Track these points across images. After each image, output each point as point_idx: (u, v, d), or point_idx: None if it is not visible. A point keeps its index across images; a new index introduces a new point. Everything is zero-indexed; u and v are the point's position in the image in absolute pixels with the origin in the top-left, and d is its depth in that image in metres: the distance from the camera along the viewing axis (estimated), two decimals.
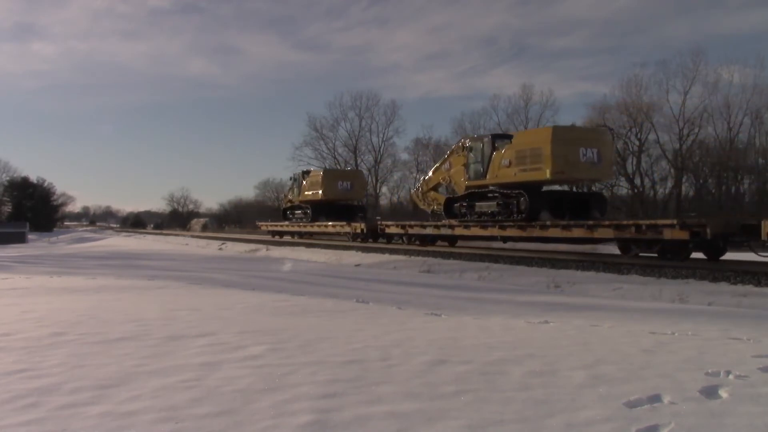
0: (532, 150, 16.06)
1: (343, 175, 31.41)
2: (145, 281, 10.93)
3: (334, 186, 29.06)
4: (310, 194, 30.08)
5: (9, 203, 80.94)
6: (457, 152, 19.98)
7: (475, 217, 18.42)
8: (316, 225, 29.14)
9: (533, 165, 15.91)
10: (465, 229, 18.67)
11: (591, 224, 14.49)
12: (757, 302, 8.96)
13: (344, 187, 29.21)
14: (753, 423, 2.88)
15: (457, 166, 19.71)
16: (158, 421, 2.83)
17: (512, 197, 16.93)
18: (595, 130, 18.34)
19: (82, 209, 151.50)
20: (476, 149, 18.37)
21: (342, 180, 29.65)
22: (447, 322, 6.38)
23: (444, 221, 20.10)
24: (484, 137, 18.47)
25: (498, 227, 17.16)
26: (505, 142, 17.64)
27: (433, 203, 21.76)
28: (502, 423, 2.84)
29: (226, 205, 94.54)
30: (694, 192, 41.50)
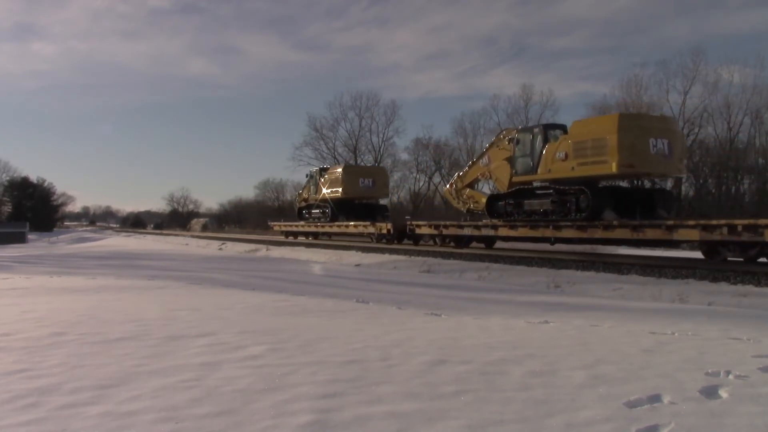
0: (594, 141, 14.25)
1: (364, 172, 28.67)
2: (145, 281, 10.93)
3: (355, 183, 26.84)
4: (328, 192, 28.01)
5: (9, 203, 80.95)
6: (498, 145, 18.37)
7: (523, 216, 16.69)
8: (336, 225, 27.20)
9: (596, 158, 14.15)
10: (511, 229, 16.98)
11: (670, 224, 12.79)
12: (757, 302, 8.96)
13: (366, 184, 26.98)
14: (753, 423, 2.88)
15: (497, 161, 18.14)
16: (158, 421, 2.83)
17: (569, 194, 15.28)
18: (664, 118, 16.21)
19: (82, 209, 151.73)
20: (524, 141, 16.66)
21: (364, 177, 27.27)
22: (447, 322, 6.37)
23: (485, 221, 18.45)
24: (534, 128, 16.86)
25: (552, 227, 15.49)
26: (558, 132, 16.12)
27: (468, 201, 20.05)
28: (502, 423, 2.84)
29: (226, 205, 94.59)
30: (694, 192, 41.43)
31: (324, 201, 28.57)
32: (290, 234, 32.69)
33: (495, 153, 18.49)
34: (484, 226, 18.13)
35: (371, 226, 24.03)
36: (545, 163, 15.72)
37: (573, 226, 14.99)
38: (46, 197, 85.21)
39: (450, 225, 19.76)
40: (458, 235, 19.46)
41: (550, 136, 16.05)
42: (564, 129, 16.29)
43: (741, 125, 40.01)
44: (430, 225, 20.72)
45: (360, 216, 26.40)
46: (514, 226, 16.92)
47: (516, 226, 16.86)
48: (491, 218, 18.13)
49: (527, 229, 16.45)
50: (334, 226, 27.35)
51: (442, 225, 20.01)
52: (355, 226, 25.34)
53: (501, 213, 17.65)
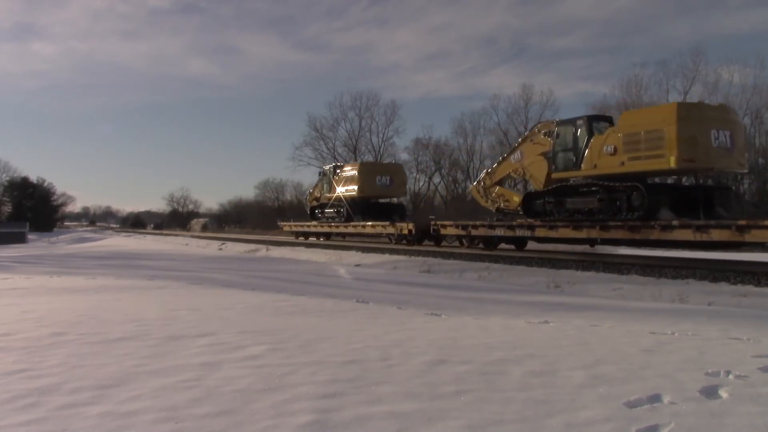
0: (649, 133, 12.99)
1: (382, 169, 27.23)
2: (145, 281, 10.93)
3: (371, 181, 25.43)
4: (343, 191, 26.52)
5: (9, 203, 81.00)
6: (533, 139, 17.13)
7: (564, 216, 15.36)
8: (351, 225, 25.76)
9: (651, 152, 12.92)
10: (550, 230, 15.61)
11: (742, 224, 11.39)
12: (757, 302, 8.96)
13: (383, 182, 25.51)
14: (753, 423, 2.88)
15: (532, 156, 16.97)
16: (158, 421, 2.83)
17: (619, 191, 13.99)
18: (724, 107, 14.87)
19: (82, 209, 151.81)
20: (565, 135, 15.40)
21: (381, 174, 25.81)
22: (447, 322, 6.37)
23: (519, 221, 17.17)
24: (577, 120, 15.38)
25: (599, 228, 14.13)
26: (603, 124, 15.01)
27: (498, 200, 18.74)
28: (502, 423, 2.84)
29: (226, 205, 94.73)
30: None
31: (338, 200, 27.18)
32: (301, 234, 31.50)
33: (529, 148, 17.25)
34: (519, 227, 16.73)
35: (391, 226, 22.78)
36: (590, 158, 14.47)
37: (623, 226, 13.62)
38: (46, 197, 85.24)
39: (480, 225, 18.30)
40: (489, 236, 18.10)
41: (596, 129, 14.83)
42: (610, 121, 15.36)
43: None
44: (457, 225, 19.41)
45: (376, 216, 25.20)
46: (553, 227, 15.54)
47: (556, 226, 15.49)
48: (527, 218, 16.83)
49: (569, 229, 15.06)
50: (349, 227, 26.04)
51: (471, 225, 18.61)
52: (373, 226, 24.06)
53: (539, 212, 16.28)
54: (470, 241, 19.16)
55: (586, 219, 14.75)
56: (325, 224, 28.56)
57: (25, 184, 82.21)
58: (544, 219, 16.06)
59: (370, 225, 24.20)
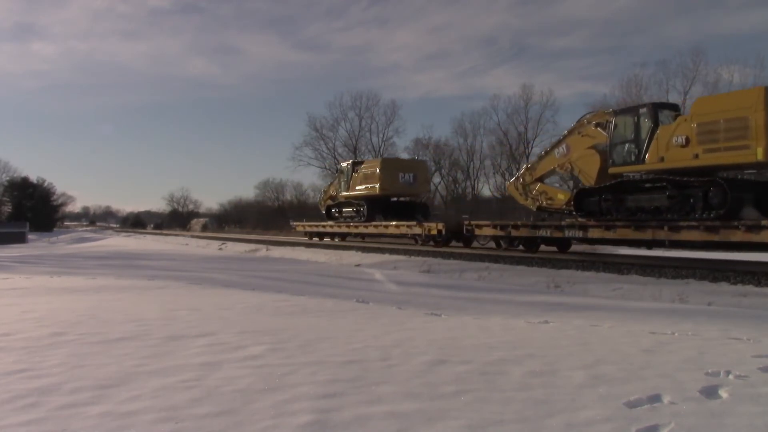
0: (729, 122, 11.57)
1: (404, 166, 25.28)
2: (145, 281, 10.93)
3: (394, 178, 23.72)
4: (363, 189, 24.84)
5: (9, 203, 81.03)
6: (581, 132, 15.71)
7: (625, 214, 13.82)
8: (372, 225, 24.16)
9: (732, 142, 11.51)
10: (606, 230, 14.11)
11: None
12: (757, 302, 8.96)
13: (406, 180, 23.88)
14: (753, 423, 2.88)
15: (581, 150, 15.57)
16: (158, 421, 2.83)
17: (694, 187, 12.48)
18: None
19: (82, 209, 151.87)
20: (624, 125, 13.94)
21: (404, 171, 24.12)
22: (447, 322, 6.37)
23: (567, 220, 15.77)
24: (640, 108, 13.93)
25: (667, 228, 12.59)
26: (671, 113, 13.54)
27: (540, 198, 17.29)
28: (502, 423, 2.84)
29: (226, 205, 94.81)
30: None
31: (358, 198, 25.60)
32: (316, 235, 29.86)
33: (577, 141, 15.81)
34: (569, 227, 15.26)
35: (417, 226, 21.24)
36: (656, 150, 12.97)
37: (698, 227, 12.10)
38: (46, 197, 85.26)
39: (522, 225, 16.89)
40: (531, 237, 16.67)
41: (662, 118, 13.32)
42: (676, 108, 14.07)
43: None
44: (495, 225, 17.94)
45: (398, 215, 23.93)
46: (610, 227, 13.98)
47: (613, 226, 13.90)
48: (578, 217, 15.33)
49: (629, 230, 13.55)
50: (370, 227, 24.40)
51: (512, 225, 17.20)
52: (397, 226, 22.43)
53: (593, 211, 14.74)
54: (509, 243, 17.79)
55: (653, 218, 13.16)
56: (342, 224, 27.10)
57: (25, 184, 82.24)
58: (599, 218, 14.51)
59: (394, 225, 22.67)
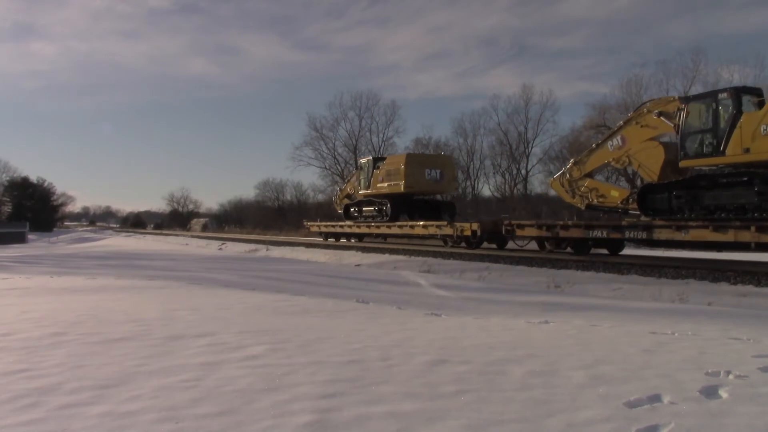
0: None
1: (431, 162, 23.46)
2: (145, 281, 10.93)
3: (420, 175, 22.02)
4: (385, 186, 23.07)
5: (9, 203, 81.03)
6: (639, 121, 14.39)
7: (701, 213, 12.41)
8: (397, 226, 22.44)
9: None
10: (677, 231, 12.53)
11: None
12: (757, 302, 8.96)
13: (433, 176, 22.18)
14: (753, 423, 2.88)
15: (640, 142, 14.28)
16: (158, 421, 2.83)
17: None
18: None
19: (82, 209, 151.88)
20: (699, 113, 12.57)
21: (430, 167, 22.39)
22: (447, 322, 6.37)
23: (628, 220, 14.37)
24: (719, 93, 12.53)
25: (754, 228, 11.16)
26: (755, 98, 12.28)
27: (589, 195, 15.93)
28: (502, 423, 2.83)
29: (226, 205, 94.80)
30: None
31: (380, 197, 23.77)
32: (332, 236, 28.08)
33: (635, 132, 14.45)
34: (631, 228, 13.78)
35: (448, 226, 19.57)
36: (739, 141, 11.63)
37: None
38: (46, 197, 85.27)
39: (573, 226, 15.35)
40: (583, 239, 15.30)
41: (746, 104, 11.96)
42: (760, 93, 12.62)
43: None
44: (540, 225, 16.55)
45: (424, 214, 22.56)
46: (682, 227, 12.42)
47: (686, 227, 12.36)
48: (644, 215, 13.86)
49: (707, 230, 12.00)
50: (393, 227, 22.66)
51: (560, 225, 15.69)
52: (425, 226, 20.76)
53: (661, 209, 13.36)
54: (556, 244, 16.37)
55: (736, 218, 11.76)
56: (362, 224, 25.18)
57: (25, 184, 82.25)
58: (668, 217, 13.06)
59: (421, 225, 20.96)
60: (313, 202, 65.99)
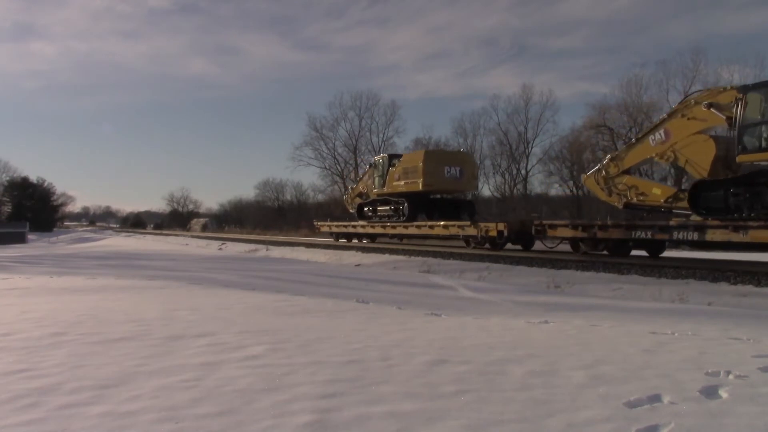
0: None
1: (450, 158, 22.13)
2: (145, 281, 10.93)
3: (439, 173, 20.85)
4: (402, 184, 22.05)
5: (9, 203, 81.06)
6: (686, 113, 13.22)
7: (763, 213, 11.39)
8: (414, 226, 21.44)
9: None
10: (733, 232, 11.46)
11: None
12: (757, 302, 8.96)
13: (452, 174, 20.98)
14: (753, 423, 2.88)
15: (686, 135, 13.15)
16: (158, 421, 2.83)
17: None
18: None
19: (82, 209, 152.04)
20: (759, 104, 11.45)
21: (450, 165, 21.13)
22: (447, 322, 6.37)
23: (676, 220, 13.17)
24: None
25: None
26: None
27: (628, 192, 14.93)
28: (502, 423, 2.83)
29: (226, 205, 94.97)
30: None
31: (397, 195, 22.70)
32: (344, 236, 27.19)
33: (680, 125, 13.38)
34: (679, 228, 12.66)
35: (472, 226, 18.36)
36: None
37: None
38: (46, 197, 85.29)
39: (612, 226, 14.28)
40: (623, 240, 14.31)
41: None
42: None
43: None
44: (575, 225, 15.46)
45: (442, 214, 21.56)
46: (740, 228, 11.43)
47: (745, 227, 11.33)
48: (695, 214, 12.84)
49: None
50: (411, 227, 21.63)
51: (598, 225, 14.59)
52: (446, 226, 19.65)
53: (715, 208, 12.33)
54: (592, 246, 15.20)
55: None
56: (377, 224, 24.07)
57: (25, 184, 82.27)
58: (723, 217, 12.09)
59: (442, 225, 19.82)
60: (313, 202, 66.11)
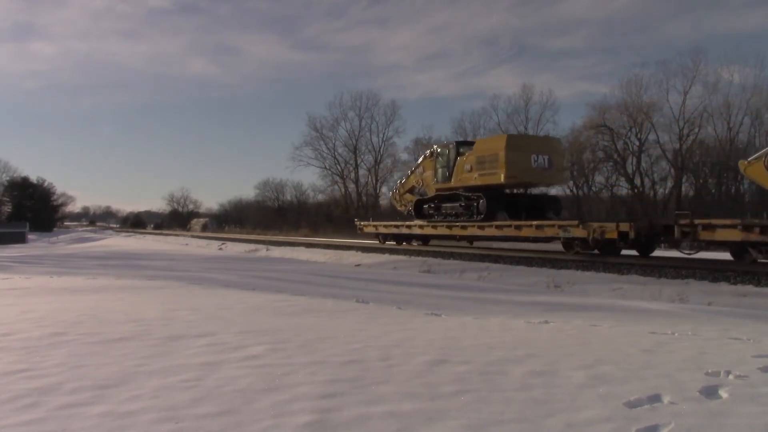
0: None
1: (536, 145, 17.97)
2: (145, 281, 10.92)
3: (524, 162, 16.93)
4: (475, 177, 18.07)
5: (9, 203, 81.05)
6: None
7: None
8: (494, 226, 17.20)
9: None
10: None
11: None
12: (757, 302, 8.96)
13: (540, 163, 17.09)
14: (753, 423, 2.88)
15: None
16: (158, 421, 2.83)
17: None
18: None
19: (82, 209, 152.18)
20: None
21: (536, 153, 17.16)
22: (447, 322, 6.37)
23: None
24: None
25: None
26: None
27: None
28: (502, 423, 2.83)
29: (226, 205, 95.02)
30: (694, 192, 41.53)
31: (469, 190, 18.77)
32: (394, 238, 23.18)
33: None
34: None
35: (580, 226, 14.38)
36: None
37: None
38: (46, 197, 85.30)
39: None
40: None
41: None
42: None
43: (741, 125, 40.06)
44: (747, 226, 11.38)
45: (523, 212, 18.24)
46: None
47: None
48: None
49: None
50: (488, 228, 17.43)
51: None
52: (540, 227, 15.63)
53: None
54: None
55: None
56: (440, 224, 19.88)
57: (25, 184, 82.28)
58: None
59: (534, 225, 15.75)
60: (313, 202, 66.12)
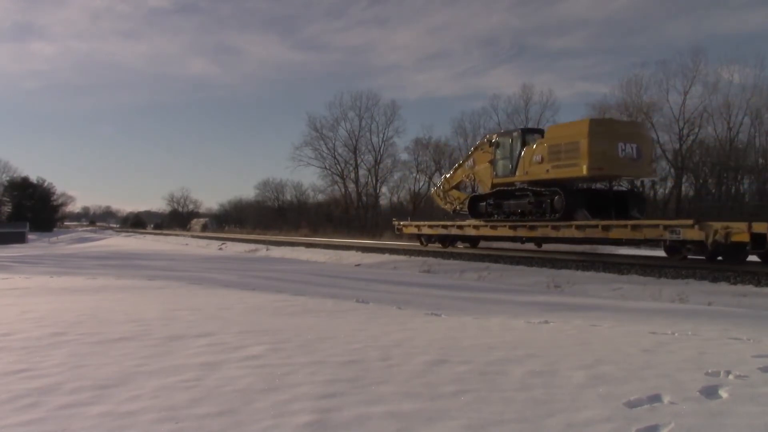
0: None
1: (624, 132, 15.12)
2: (145, 281, 10.92)
3: (611, 151, 14.31)
4: (549, 169, 15.42)
5: (9, 203, 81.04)
6: None
7: None
8: (574, 226, 14.52)
9: None
10: None
11: None
12: (757, 302, 8.95)
13: (628, 153, 14.47)
14: (753, 423, 2.88)
15: None
16: (158, 421, 2.83)
17: None
18: None
19: (82, 209, 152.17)
20: None
21: (624, 141, 14.48)
22: (447, 322, 6.37)
23: None
24: None
25: None
26: None
27: None
28: (502, 423, 2.83)
29: (226, 205, 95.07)
30: (693, 192, 41.53)
31: (540, 184, 16.10)
32: (441, 240, 20.29)
33: None
34: None
35: (695, 228, 11.73)
36: None
37: None
38: (46, 197, 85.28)
39: None
40: None
41: None
42: None
43: (741, 125, 40.05)
44: None
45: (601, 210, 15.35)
46: None
47: None
48: None
49: None
50: (565, 228, 14.83)
51: None
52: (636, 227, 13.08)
53: None
54: None
55: None
56: (501, 224, 17.22)
57: (25, 184, 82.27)
58: None
59: (630, 226, 13.23)
60: (313, 202, 66.12)
